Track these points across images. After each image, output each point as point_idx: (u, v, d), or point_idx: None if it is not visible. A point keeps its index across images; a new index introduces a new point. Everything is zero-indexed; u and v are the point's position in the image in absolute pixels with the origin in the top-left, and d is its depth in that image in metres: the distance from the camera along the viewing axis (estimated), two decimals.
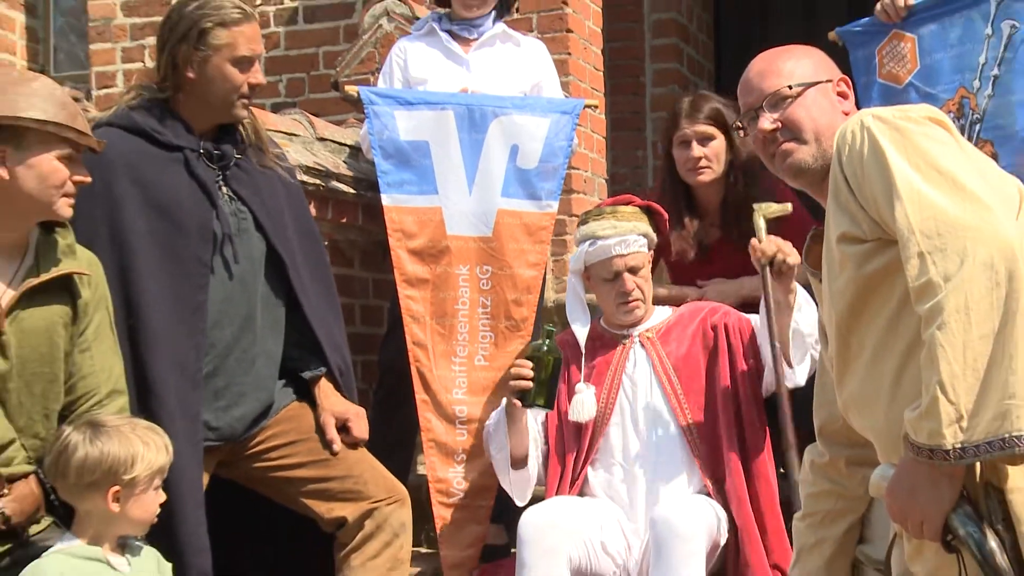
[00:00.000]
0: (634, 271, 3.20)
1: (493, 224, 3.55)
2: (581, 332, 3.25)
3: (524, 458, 3.18)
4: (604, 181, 4.89)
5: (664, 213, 3.32)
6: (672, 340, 3.23)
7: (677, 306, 3.37)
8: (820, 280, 2.12)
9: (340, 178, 3.92)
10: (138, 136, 2.82)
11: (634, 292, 3.20)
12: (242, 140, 2.93)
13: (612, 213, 3.24)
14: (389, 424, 3.55)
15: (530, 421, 3.19)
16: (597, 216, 3.25)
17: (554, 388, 3.10)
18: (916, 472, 1.81)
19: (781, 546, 2.98)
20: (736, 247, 3.49)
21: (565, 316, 3.36)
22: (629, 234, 3.19)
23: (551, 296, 4.15)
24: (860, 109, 2.11)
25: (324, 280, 3.07)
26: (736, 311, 3.26)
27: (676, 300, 3.44)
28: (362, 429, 2.99)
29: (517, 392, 3.09)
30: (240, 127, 2.93)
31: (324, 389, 2.98)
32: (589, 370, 3.23)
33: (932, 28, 3.34)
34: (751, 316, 3.22)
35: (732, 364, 3.16)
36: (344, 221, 3.99)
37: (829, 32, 3.54)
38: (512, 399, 3.11)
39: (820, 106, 2.14)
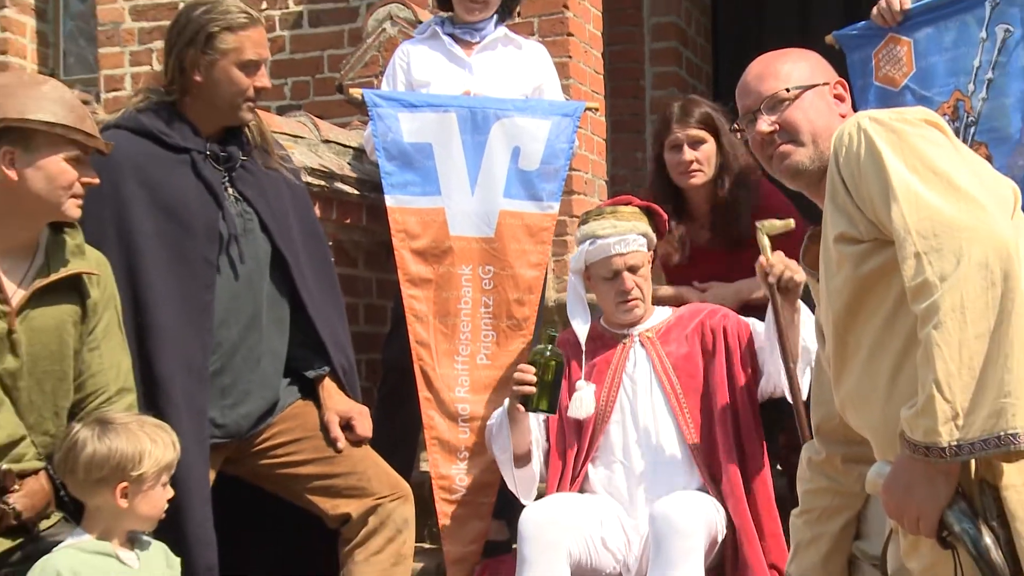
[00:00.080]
0: (633, 270, 3.19)
1: (495, 225, 3.54)
2: (582, 330, 3.25)
3: (527, 455, 3.18)
4: (604, 182, 4.89)
5: (664, 214, 3.32)
6: (672, 340, 3.22)
7: (677, 307, 3.37)
8: (817, 280, 2.12)
9: (344, 179, 3.91)
10: (146, 138, 2.82)
11: (633, 291, 3.19)
12: (248, 142, 2.93)
13: (612, 213, 3.23)
14: (392, 421, 3.54)
15: (531, 420, 3.19)
16: (597, 216, 3.24)
17: (557, 393, 3.09)
18: (912, 469, 1.81)
19: (778, 546, 2.97)
20: (724, 251, 3.50)
21: (566, 315, 3.35)
22: (628, 233, 3.18)
23: (552, 296, 4.15)
24: (857, 111, 2.11)
25: (328, 280, 3.07)
26: (735, 314, 3.26)
27: (675, 301, 3.44)
28: (365, 427, 2.99)
29: (520, 397, 3.09)
30: (246, 129, 2.93)
31: (328, 388, 2.98)
32: (590, 369, 3.23)
33: (928, 32, 3.33)
34: (750, 319, 3.22)
35: (730, 366, 3.15)
36: (348, 222, 3.99)
37: (826, 36, 3.54)
38: (515, 404, 3.10)
39: (817, 108, 2.14)
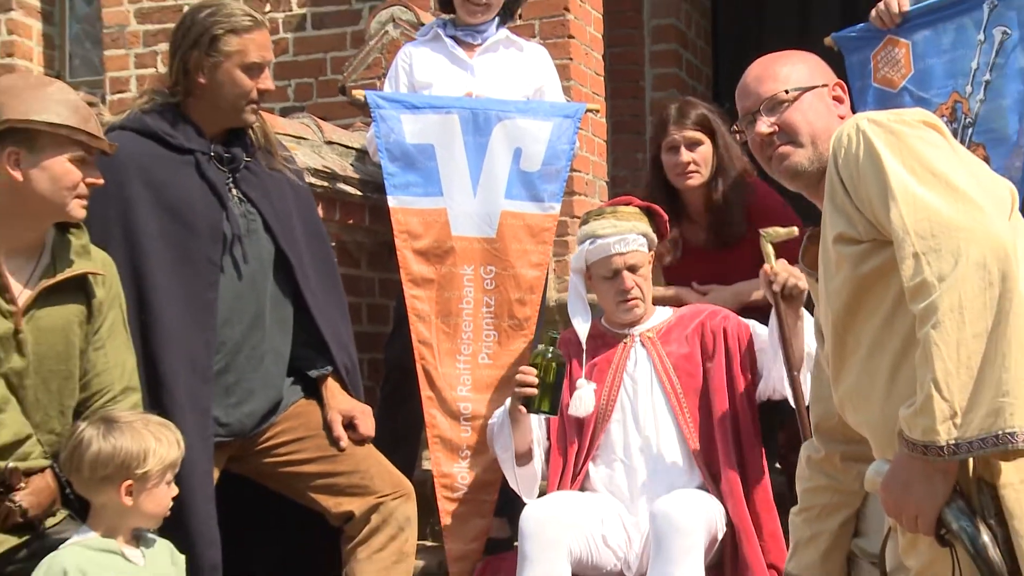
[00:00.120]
0: (633, 269, 3.19)
1: (497, 225, 3.54)
2: (582, 329, 3.25)
3: (528, 453, 3.18)
4: (605, 183, 4.89)
5: (665, 215, 3.32)
6: (672, 340, 3.22)
7: (676, 307, 3.37)
8: (817, 280, 2.12)
9: (347, 180, 3.91)
10: (150, 139, 2.82)
11: (633, 290, 3.19)
12: (252, 143, 2.93)
13: (613, 213, 3.23)
14: (395, 420, 3.54)
15: (532, 419, 3.19)
16: (598, 216, 3.25)
17: (558, 394, 3.09)
18: (911, 468, 1.81)
19: (776, 545, 2.97)
20: (720, 251, 3.50)
21: (567, 315, 3.35)
22: (628, 233, 3.18)
23: (553, 296, 4.15)
24: (855, 113, 2.11)
25: (331, 280, 3.07)
26: (736, 315, 3.26)
27: (673, 302, 3.44)
28: (368, 427, 2.99)
29: (522, 398, 3.09)
30: (250, 131, 2.93)
31: (331, 388, 2.98)
32: (591, 368, 3.23)
33: (926, 34, 3.33)
34: (750, 321, 3.22)
35: (729, 367, 3.15)
36: (351, 222, 3.99)
37: (825, 38, 3.54)
38: (517, 405, 3.10)
39: (816, 110, 2.14)
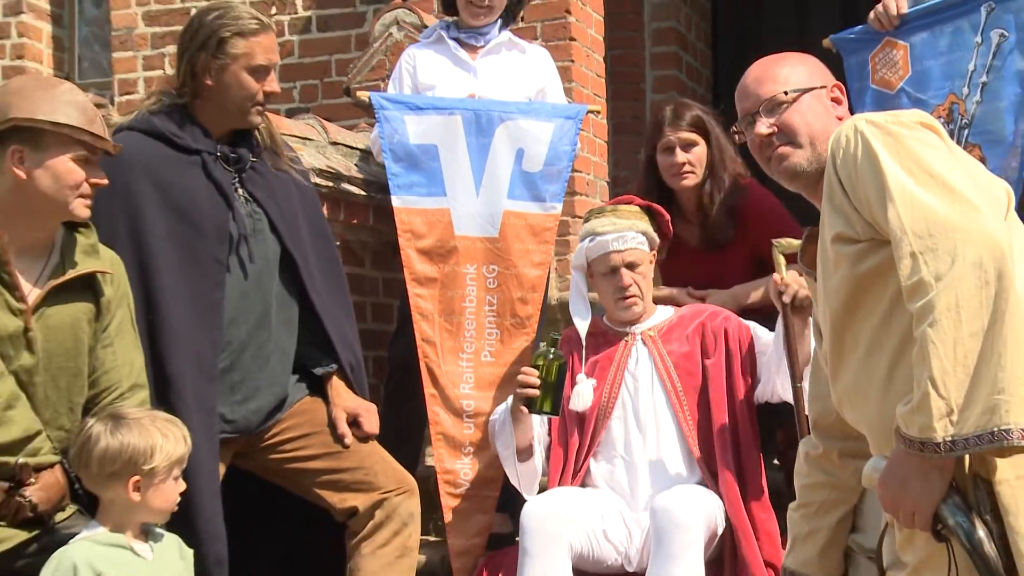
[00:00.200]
0: (631, 267, 3.19)
1: (499, 225, 3.54)
2: (582, 325, 3.25)
3: (529, 449, 3.18)
4: (606, 183, 4.89)
5: (667, 214, 3.31)
6: (674, 339, 3.22)
7: (678, 306, 3.37)
8: (815, 279, 2.12)
9: (352, 180, 3.92)
10: (158, 140, 2.82)
11: (631, 288, 3.19)
12: (258, 144, 2.93)
13: (613, 211, 3.24)
14: (399, 417, 3.54)
15: (534, 417, 3.19)
16: (599, 214, 3.26)
17: (559, 394, 3.08)
18: (907, 464, 1.80)
19: (772, 543, 2.97)
20: (714, 251, 3.50)
21: (568, 313, 3.36)
22: (627, 231, 3.18)
23: (555, 294, 4.15)
24: (853, 114, 2.11)
25: (336, 279, 3.07)
26: (737, 317, 3.26)
27: (669, 302, 3.43)
28: (372, 424, 2.98)
29: (524, 399, 3.08)
30: (256, 132, 2.93)
31: (336, 386, 2.98)
32: (592, 365, 3.23)
33: (923, 36, 3.33)
34: (751, 323, 3.22)
35: (729, 368, 3.15)
36: (356, 222, 3.99)
37: (823, 40, 3.54)
38: (519, 405, 3.10)
39: (815, 111, 2.14)
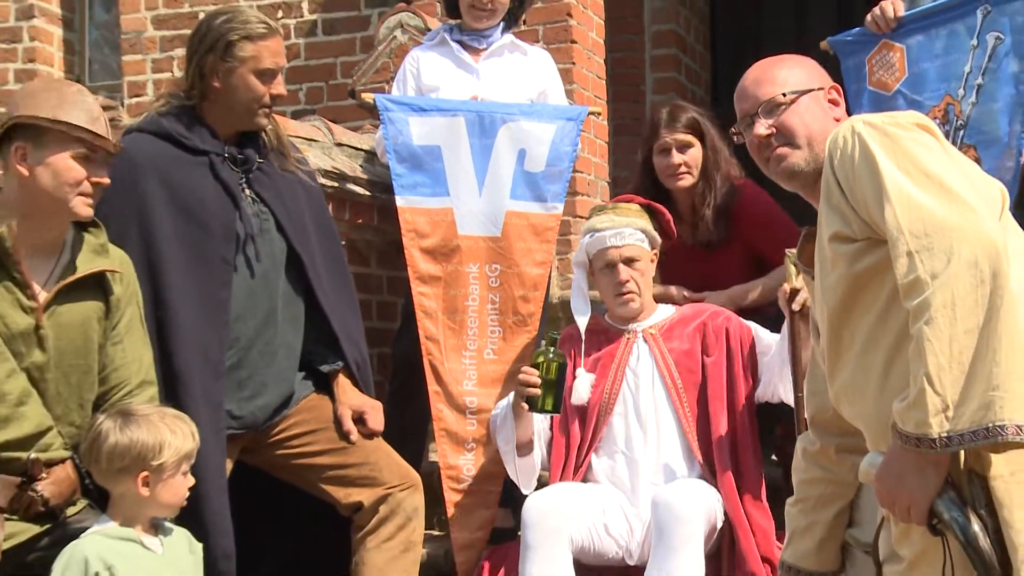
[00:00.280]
0: (629, 263, 3.19)
1: (502, 224, 3.54)
2: (581, 321, 3.26)
3: (529, 443, 3.18)
4: (606, 184, 4.89)
5: (667, 213, 3.32)
6: (674, 337, 3.22)
7: (675, 304, 3.37)
8: (813, 277, 2.12)
9: (357, 181, 3.92)
10: (166, 141, 2.83)
11: (628, 284, 3.19)
12: (265, 145, 2.94)
13: (613, 209, 3.26)
14: (403, 414, 3.54)
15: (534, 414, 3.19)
16: (599, 212, 3.28)
17: (560, 392, 3.09)
18: (903, 460, 1.81)
19: (766, 540, 2.97)
20: (709, 251, 3.51)
21: (570, 311, 3.36)
22: (625, 227, 3.18)
23: (556, 293, 4.15)
24: (851, 115, 2.11)
25: (342, 278, 3.07)
26: (738, 317, 3.27)
27: (663, 299, 3.43)
28: (377, 421, 2.99)
29: (525, 398, 3.09)
30: (263, 133, 2.93)
31: (342, 383, 2.98)
32: (594, 362, 3.23)
33: (920, 39, 3.33)
34: (751, 323, 3.23)
35: (730, 366, 3.15)
36: (360, 222, 4.00)
37: (821, 42, 3.54)
38: (520, 404, 3.11)
39: (812, 112, 2.14)
